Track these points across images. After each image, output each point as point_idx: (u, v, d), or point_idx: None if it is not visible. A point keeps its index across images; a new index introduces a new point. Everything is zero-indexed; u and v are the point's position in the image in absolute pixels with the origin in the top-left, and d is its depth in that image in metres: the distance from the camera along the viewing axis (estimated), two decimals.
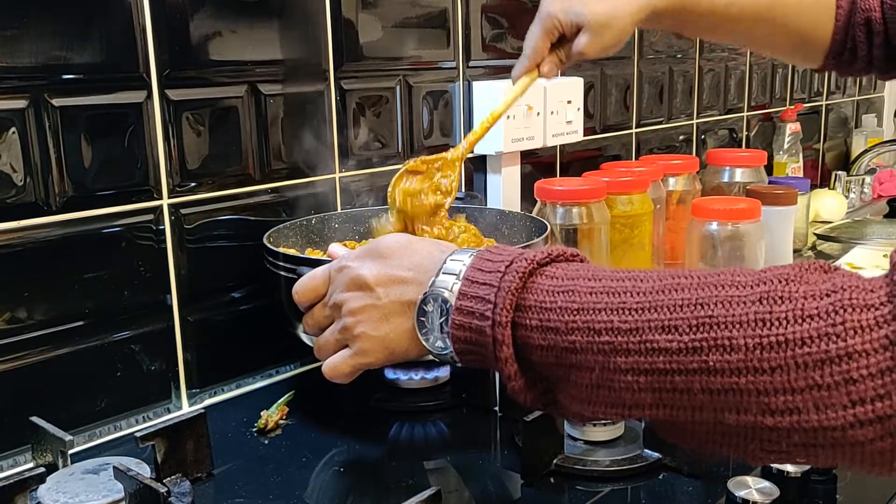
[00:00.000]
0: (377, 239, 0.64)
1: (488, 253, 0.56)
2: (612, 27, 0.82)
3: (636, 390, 0.47)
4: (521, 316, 0.52)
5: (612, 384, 0.48)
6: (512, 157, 1.21)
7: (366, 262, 0.62)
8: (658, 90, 1.57)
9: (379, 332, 0.61)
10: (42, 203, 0.75)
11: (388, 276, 0.61)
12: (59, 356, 0.78)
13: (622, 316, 0.47)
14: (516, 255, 0.54)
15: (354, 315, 0.62)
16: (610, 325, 0.47)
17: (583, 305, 0.49)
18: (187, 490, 0.68)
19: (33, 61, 0.73)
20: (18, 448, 0.75)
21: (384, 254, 0.62)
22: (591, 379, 0.49)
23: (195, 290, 0.87)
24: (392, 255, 0.61)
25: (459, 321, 0.54)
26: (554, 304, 0.50)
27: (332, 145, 0.99)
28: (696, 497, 0.68)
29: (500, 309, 0.52)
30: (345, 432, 0.82)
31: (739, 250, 1.17)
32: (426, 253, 0.61)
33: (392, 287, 0.60)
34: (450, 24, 1.12)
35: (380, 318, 0.61)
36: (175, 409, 0.87)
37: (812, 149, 2.11)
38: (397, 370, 0.89)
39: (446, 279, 0.56)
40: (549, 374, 0.53)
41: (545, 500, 0.70)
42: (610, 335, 0.47)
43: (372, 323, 0.61)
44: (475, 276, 0.54)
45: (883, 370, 0.39)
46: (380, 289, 0.60)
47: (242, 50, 0.89)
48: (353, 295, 0.62)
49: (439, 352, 0.58)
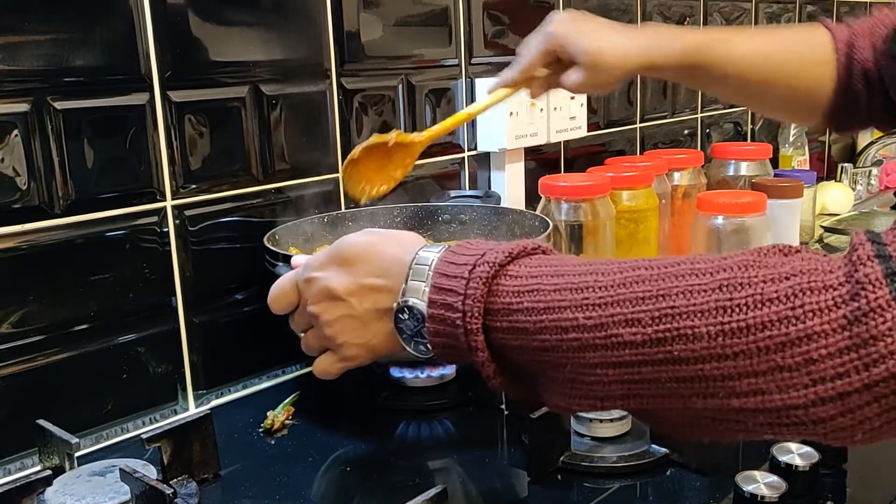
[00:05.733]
0: (337, 243, 0.63)
1: (452, 254, 0.55)
2: (605, 70, 0.80)
3: (606, 383, 0.48)
4: (491, 319, 0.52)
5: (583, 378, 0.49)
6: (516, 154, 1.21)
7: (332, 272, 0.61)
8: (662, 84, 1.56)
9: (360, 339, 0.61)
10: (46, 206, 0.75)
11: (358, 286, 0.60)
12: (64, 359, 0.78)
13: (587, 312, 0.47)
14: (478, 256, 0.54)
15: (332, 326, 0.62)
16: (576, 323, 0.48)
17: (548, 304, 0.49)
18: (194, 491, 0.68)
19: (35, 65, 0.73)
20: (25, 451, 0.75)
21: (349, 260, 0.61)
22: (564, 374, 0.50)
23: (200, 291, 0.87)
24: (357, 261, 0.60)
25: (434, 328, 0.55)
26: (521, 305, 0.51)
27: (334, 145, 0.99)
28: (704, 492, 0.68)
29: (469, 317, 0.52)
30: (351, 432, 0.82)
31: (745, 244, 1.17)
32: (392, 257, 0.59)
33: (364, 296, 0.60)
34: (451, 22, 1.12)
35: (358, 326, 0.61)
36: (181, 411, 0.87)
37: (818, 141, 2.10)
38: (403, 369, 0.89)
39: (416, 286, 0.56)
40: (526, 369, 0.53)
41: (552, 498, 0.69)
42: (577, 332, 0.48)
43: (351, 332, 0.61)
44: (441, 282, 0.54)
45: (842, 349, 0.40)
46: (352, 299, 0.60)
47: (244, 50, 0.89)
48: (326, 306, 0.62)
49: (423, 354, 0.58)
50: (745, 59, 0.82)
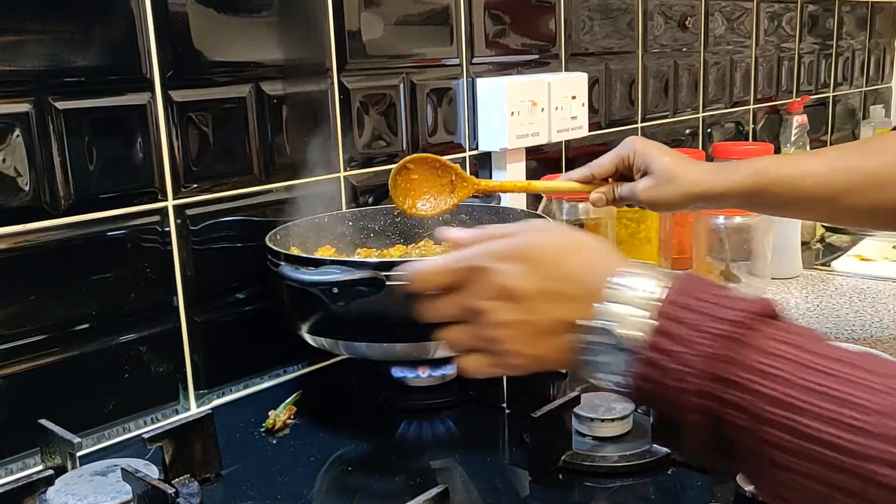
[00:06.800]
0: (521, 236, 0.57)
1: (682, 296, 0.48)
2: (677, 186, 0.81)
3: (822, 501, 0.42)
4: (719, 388, 0.45)
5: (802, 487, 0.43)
6: (517, 154, 1.21)
7: (513, 268, 0.54)
8: (663, 84, 1.56)
9: (531, 350, 0.54)
10: (47, 206, 0.75)
11: (542, 290, 0.53)
12: (66, 359, 0.78)
13: (842, 432, 0.41)
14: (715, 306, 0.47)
15: (501, 328, 0.54)
16: (825, 438, 0.41)
17: (796, 402, 0.43)
18: (195, 491, 0.68)
19: (36, 65, 0.73)
20: (27, 451, 0.75)
21: (535, 258, 0.54)
22: (781, 475, 0.43)
23: (201, 290, 0.87)
24: (544, 262, 0.54)
25: (645, 373, 0.47)
26: (763, 389, 0.44)
27: (336, 144, 0.99)
28: (705, 492, 0.68)
29: (698, 378, 0.45)
30: (352, 431, 0.82)
31: (747, 243, 1.17)
32: (587, 265, 0.53)
33: (548, 303, 0.53)
34: (453, 21, 1.12)
35: (533, 335, 0.54)
36: (183, 410, 0.87)
37: (819, 141, 2.09)
38: (404, 368, 0.89)
39: (621, 310, 0.49)
40: (734, 447, 0.46)
41: (554, 497, 0.69)
42: (823, 447, 0.41)
43: (523, 340, 0.54)
44: (669, 327, 0.47)
45: None
46: (533, 303, 0.53)
47: (245, 50, 0.89)
48: (500, 306, 0.54)
49: (607, 386, 0.52)
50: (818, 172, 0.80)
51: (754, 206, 0.87)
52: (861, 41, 2.26)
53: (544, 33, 1.27)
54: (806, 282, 1.26)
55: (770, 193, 0.81)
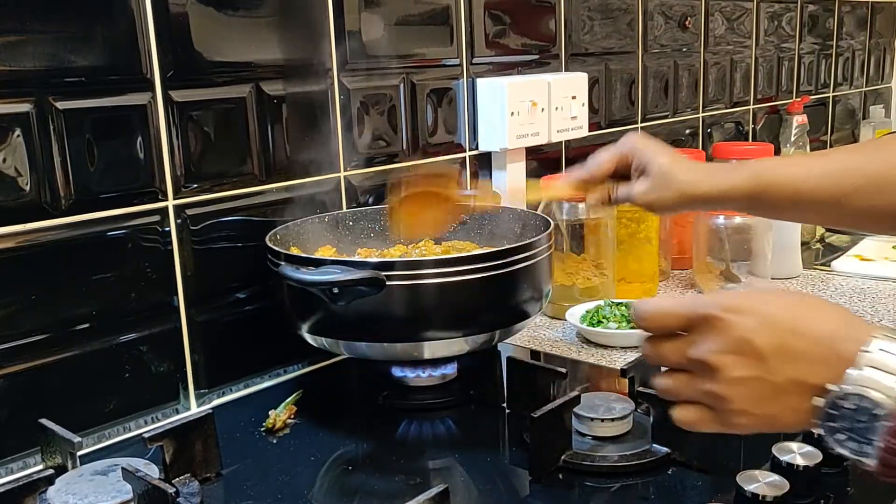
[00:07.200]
0: (756, 289, 0.55)
1: None
2: (674, 188, 0.78)
3: None
4: None
5: None
6: (517, 154, 1.21)
7: (750, 322, 0.51)
8: (663, 84, 1.56)
9: (764, 410, 0.51)
10: (48, 206, 0.75)
11: (783, 347, 0.50)
12: (66, 358, 0.78)
13: None
14: None
15: (733, 386, 0.51)
16: None
17: None
18: (196, 490, 0.68)
19: (37, 65, 0.73)
20: (28, 450, 0.76)
21: (772, 313, 0.51)
22: None
23: (202, 290, 0.87)
24: (783, 318, 0.51)
25: None
26: None
27: (336, 144, 0.99)
28: (705, 491, 0.68)
29: None
30: (353, 431, 0.82)
31: (747, 243, 1.17)
32: (834, 325, 0.50)
33: (788, 362, 0.50)
34: (453, 21, 1.12)
35: (767, 397, 0.51)
36: (183, 410, 0.87)
37: (819, 141, 2.09)
38: (404, 368, 0.89)
39: (878, 377, 0.46)
40: None
41: (554, 497, 0.69)
42: None
43: (756, 401, 0.51)
44: None
45: None
46: (772, 361, 0.50)
47: (245, 50, 0.89)
48: (735, 361, 0.51)
49: (845, 454, 0.49)
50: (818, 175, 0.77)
51: (753, 209, 0.86)
52: (861, 41, 2.26)
53: (544, 33, 1.27)
54: (806, 282, 1.26)
55: (769, 196, 0.80)
